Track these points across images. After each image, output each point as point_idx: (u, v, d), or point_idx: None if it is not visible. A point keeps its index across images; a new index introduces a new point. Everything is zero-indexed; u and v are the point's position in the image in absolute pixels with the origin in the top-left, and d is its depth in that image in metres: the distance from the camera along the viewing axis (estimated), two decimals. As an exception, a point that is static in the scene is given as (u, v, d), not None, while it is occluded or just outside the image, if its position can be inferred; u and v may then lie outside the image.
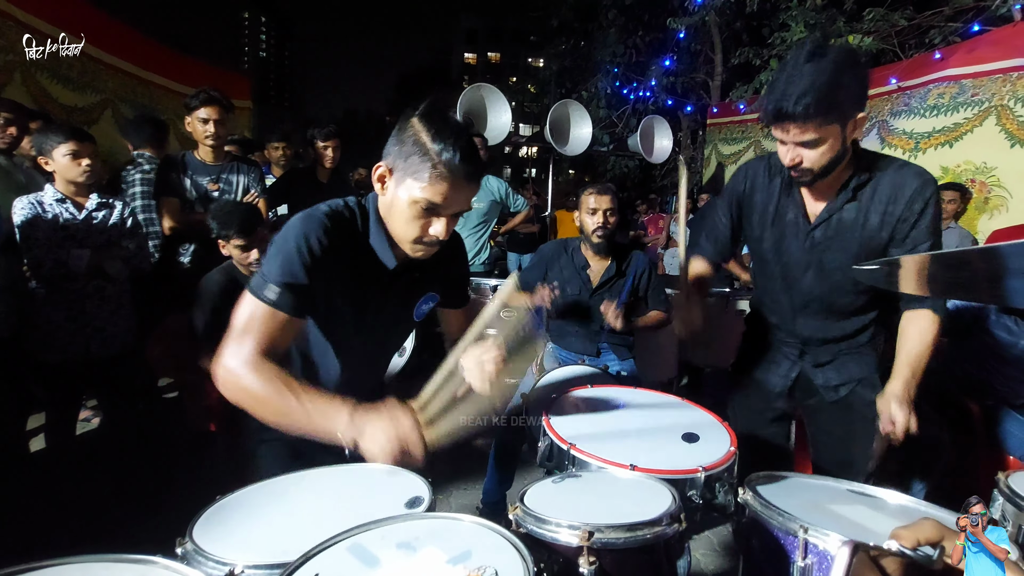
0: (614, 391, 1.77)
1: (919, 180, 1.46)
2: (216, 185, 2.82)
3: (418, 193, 1.05)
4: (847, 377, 1.66)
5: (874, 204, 1.48)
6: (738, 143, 7.94)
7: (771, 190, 1.63)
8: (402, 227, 1.11)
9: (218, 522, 0.93)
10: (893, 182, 1.47)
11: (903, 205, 1.45)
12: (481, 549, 0.79)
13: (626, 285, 2.52)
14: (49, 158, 2.24)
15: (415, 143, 1.04)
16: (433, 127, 1.04)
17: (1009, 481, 1.27)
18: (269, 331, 1.05)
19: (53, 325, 2.24)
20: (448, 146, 1.03)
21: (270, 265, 1.08)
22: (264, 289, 1.06)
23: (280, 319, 1.06)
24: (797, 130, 1.35)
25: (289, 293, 1.05)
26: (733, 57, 8.65)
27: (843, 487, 1.32)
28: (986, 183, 4.51)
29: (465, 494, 2.65)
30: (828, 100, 1.30)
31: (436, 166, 1.03)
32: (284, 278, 1.05)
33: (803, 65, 1.31)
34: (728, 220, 1.75)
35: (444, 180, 1.04)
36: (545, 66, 14.31)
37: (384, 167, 1.11)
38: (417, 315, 1.33)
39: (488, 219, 3.96)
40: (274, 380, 1.01)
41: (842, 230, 1.52)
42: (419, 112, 1.06)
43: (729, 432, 1.43)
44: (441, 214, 1.09)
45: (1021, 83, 4.33)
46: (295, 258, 1.06)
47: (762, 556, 1.12)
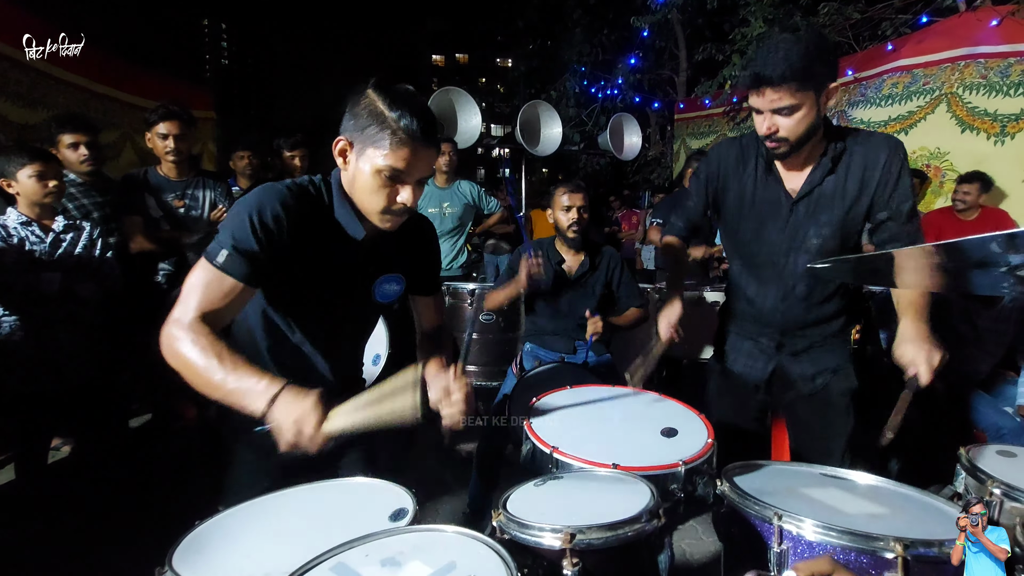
0: (592, 390, 1.80)
1: (890, 144, 1.53)
2: (182, 202, 2.76)
3: (380, 161, 1.06)
4: (822, 367, 1.69)
5: (851, 172, 1.53)
6: (705, 137, 8.10)
7: (745, 172, 1.65)
8: (368, 198, 1.12)
9: (198, 549, 0.92)
10: (866, 149, 1.53)
11: (880, 170, 1.51)
12: (465, 559, 0.80)
13: (600, 279, 2.56)
14: (12, 180, 2.16)
15: (371, 113, 1.05)
16: (388, 96, 1.06)
17: (971, 456, 1.33)
18: (213, 295, 1.05)
19: (23, 355, 2.16)
20: (405, 112, 1.04)
21: (223, 231, 1.08)
22: (215, 255, 1.06)
23: (227, 284, 1.05)
24: (775, 95, 1.39)
25: (238, 257, 1.05)
26: (697, 53, 8.82)
27: (816, 471, 1.36)
28: (940, 168, 4.69)
29: (453, 499, 2.65)
30: (804, 65, 1.36)
31: (395, 132, 1.04)
32: (233, 243, 1.05)
33: (779, 38, 1.39)
34: (703, 200, 1.76)
35: (405, 145, 1.05)
36: (513, 66, 14.36)
37: (344, 141, 1.11)
38: (380, 295, 1.30)
39: (463, 223, 3.96)
40: (206, 347, 0.99)
41: (824, 202, 1.56)
42: (372, 84, 1.08)
43: (706, 424, 1.46)
44: (406, 181, 1.10)
45: (968, 71, 4.52)
46: (246, 225, 1.06)
47: (742, 544, 1.15)
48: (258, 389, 0.97)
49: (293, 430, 0.93)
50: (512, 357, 2.70)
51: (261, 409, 0.95)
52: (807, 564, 0.80)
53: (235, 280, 1.06)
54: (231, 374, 0.98)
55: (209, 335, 1.01)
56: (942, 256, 0.82)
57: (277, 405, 0.95)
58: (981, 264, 0.78)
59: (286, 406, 0.95)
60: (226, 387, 0.98)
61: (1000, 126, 4.32)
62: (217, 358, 0.99)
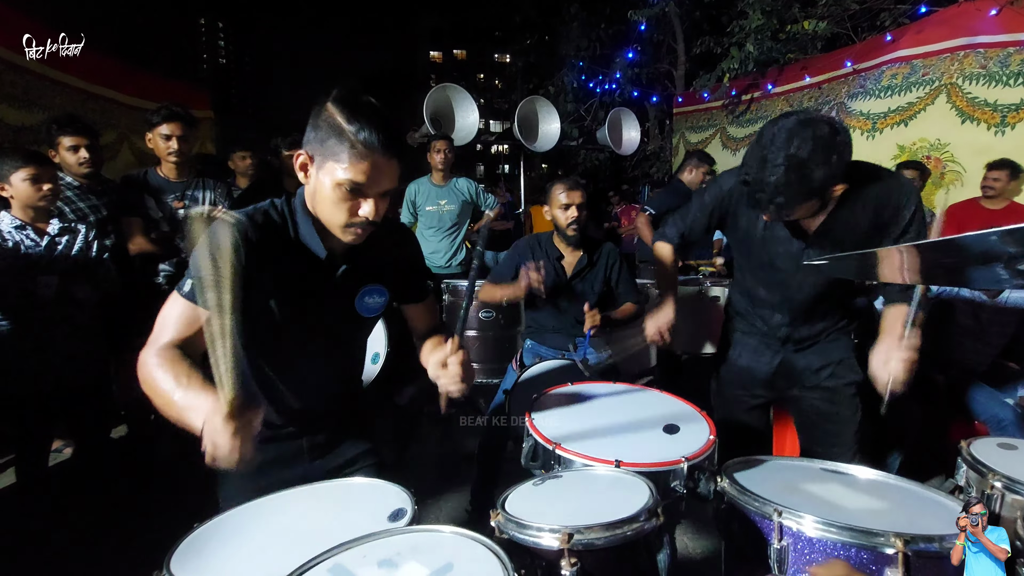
0: (594, 386, 1.79)
1: (901, 185, 1.51)
2: (181, 203, 2.75)
3: (340, 175, 1.05)
4: (828, 359, 1.70)
5: (864, 210, 1.50)
6: (704, 130, 8.06)
7: (758, 217, 1.62)
8: (330, 212, 1.11)
9: (196, 551, 0.92)
10: (879, 189, 1.49)
11: (892, 210, 1.49)
12: (462, 560, 0.79)
13: (599, 275, 2.55)
14: (6, 183, 2.15)
15: (330, 127, 1.05)
16: (347, 109, 1.05)
17: (971, 449, 1.32)
18: (182, 323, 1.06)
19: (21, 357, 2.16)
20: (363, 125, 1.03)
21: (191, 263, 1.09)
22: (183, 285, 1.08)
23: (193, 311, 1.07)
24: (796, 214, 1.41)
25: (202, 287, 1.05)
26: (695, 47, 8.76)
27: (816, 466, 1.36)
28: (941, 159, 4.67)
29: (454, 497, 2.65)
30: (804, 190, 1.31)
31: (354, 146, 1.03)
32: (196, 272, 1.05)
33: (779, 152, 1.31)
34: (706, 221, 1.76)
35: (364, 159, 1.04)
36: (511, 62, 14.31)
37: (305, 155, 1.10)
38: (362, 309, 1.28)
39: (461, 221, 3.95)
40: (167, 367, 1.00)
41: (836, 237, 1.53)
42: (332, 96, 1.07)
43: (707, 420, 1.46)
44: (367, 194, 1.08)
45: (968, 61, 4.48)
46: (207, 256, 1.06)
47: (742, 540, 1.15)
48: (196, 406, 0.95)
49: (209, 443, 0.90)
50: (512, 354, 2.69)
51: (198, 426, 0.93)
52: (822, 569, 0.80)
53: (200, 308, 1.06)
54: (184, 390, 0.97)
55: (174, 357, 1.02)
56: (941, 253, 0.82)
57: (205, 421, 0.93)
58: (982, 259, 0.78)
59: (207, 423, 0.92)
60: (177, 404, 0.97)
61: (1000, 116, 4.29)
62: (174, 376, 0.98)
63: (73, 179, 2.74)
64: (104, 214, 2.79)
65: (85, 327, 2.31)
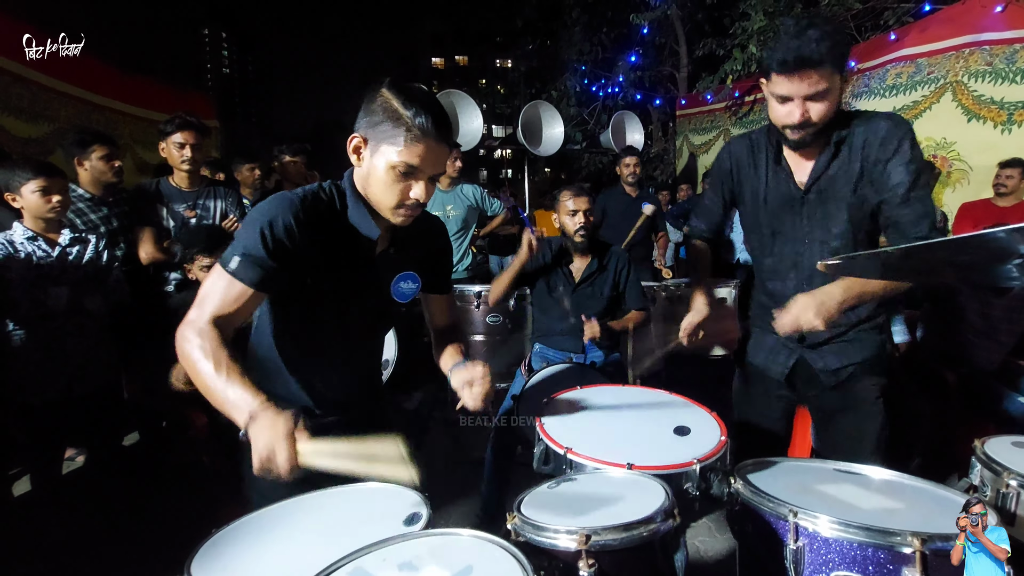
0: (603, 390, 1.79)
1: (890, 122, 1.47)
2: (193, 212, 2.78)
3: (395, 157, 1.09)
4: (847, 360, 1.61)
5: (853, 153, 1.49)
6: (708, 132, 8.07)
7: (757, 168, 1.63)
8: (382, 194, 1.14)
9: (216, 556, 0.93)
10: (867, 130, 1.48)
11: (876, 147, 1.46)
12: (482, 562, 0.80)
13: (608, 280, 2.56)
14: (16, 195, 2.18)
15: (386, 111, 1.09)
16: (402, 94, 1.09)
17: (986, 448, 1.31)
18: (224, 300, 1.09)
19: (32, 366, 2.18)
20: (419, 110, 1.07)
21: (237, 239, 1.13)
22: (228, 260, 1.10)
23: (237, 288, 1.09)
24: (816, 76, 1.34)
25: (249, 265, 1.09)
26: (697, 49, 8.79)
27: (829, 467, 1.36)
28: (947, 158, 4.65)
29: (465, 502, 2.65)
30: (837, 45, 1.33)
31: (410, 129, 1.07)
32: (245, 250, 1.10)
33: (803, 21, 1.35)
34: (720, 200, 1.76)
35: (419, 142, 1.08)
36: (513, 67, 14.37)
37: (359, 138, 1.14)
38: (397, 294, 1.32)
39: (467, 226, 3.97)
40: (208, 352, 1.03)
41: (832, 188, 1.52)
42: (386, 83, 1.12)
43: (718, 422, 1.46)
44: (419, 177, 1.13)
45: (973, 59, 4.47)
46: (257, 235, 1.10)
47: (756, 541, 1.15)
48: (241, 404, 0.98)
49: (264, 454, 0.93)
50: (521, 358, 2.70)
51: (242, 424, 0.97)
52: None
53: (244, 285, 1.09)
54: (225, 382, 1.00)
55: (215, 340, 1.04)
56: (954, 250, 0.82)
57: (254, 424, 0.95)
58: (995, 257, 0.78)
59: (261, 428, 0.95)
60: (219, 395, 1.01)
61: (1007, 114, 4.27)
62: (215, 364, 1.01)
63: (85, 191, 2.78)
64: (115, 225, 2.82)
65: (95, 336, 2.33)
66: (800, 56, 1.33)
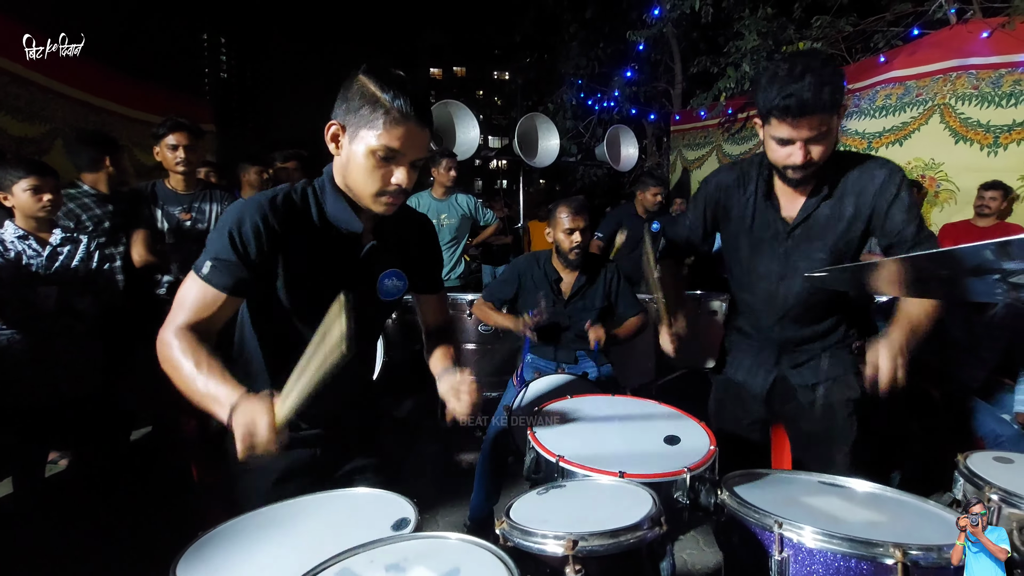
0: (594, 399, 1.80)
1: (885, 170, 1.50)
2: (188, 215, 2.77)
3: (374, 141, 1.07)
4: (822, 376, 1.66)
5: (847, 196, 1.51)
6: (701, 148, 8.17)
7: (745, 200, 1.64)
8: (363, 181, 1.12)
9: (201, 560, 0.92)
10: (861, 174, 1.50)
11: (874, 196, 1.48)
12: (469, 565, 0.80)
13: (598, 292, 2.57)
14: (8, 193, 2.18)
15: (364, 95, 1.07)
16: (380, 78, 1.07)
17: (968, 462, 1.33)
18: (199, 305, 1.08)
19: (20, 366, 2.16)
20: (397, 92, 1.06)
21: (209, 244, 1.12)
22: (201, 266, 1.09)
23: (210, 294, 1.08)
24: (817, 121, 1.34)
25: (220, 270, 1.08)
26: (692, 66, 8.91)
27: (815, 479, 1.37)
28: (935, 178, 4.74)
29: (452, 511, 2.64)
30: (837, 89, 1.33)
31: (389, 112, 1.05)
32: (215, 255, 1.09)
33: (797, 65, 1.32)
34: (701, 224, 1.77)
35: (399, 124, 1.06)
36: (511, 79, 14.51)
37: (336, 125, 1.12)
38: (382, 292, 1.29)
39: (460, 235, 3.99)
40: (188, 350, 1.02)
41: (819, 228, 1.54)
42: (363, 69, 1.10)
43: (707, 432, 1.47)
44: (400, 161, 1.10)
45: (960, 82, 4.58)
46: (226, 238, 1.09)
47: (742, 552, 1.16)
48: (221, 398, 0.98)
49: (245, 435, 0.93)
50: (512, 368, 2.70)
51: (225, 418, 0.97)
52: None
53: (217, 291, 1.08)
54: (205, 379, 1.00)
55: (192, 341, 1.04)
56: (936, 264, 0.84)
57: (235, 413, 0.95)
58: (976, 272, 0.80)
59: (241, 414, 0.95)
60: (199, 391, 1.00)
61: (993, 137, 4.37)
62: (195, 362, 1.01)
63: (90, 187, 2.79)
64: (107, 225, 2.82)
65: (84, 338, 2.31)
66: (802, 103, 1.32)
